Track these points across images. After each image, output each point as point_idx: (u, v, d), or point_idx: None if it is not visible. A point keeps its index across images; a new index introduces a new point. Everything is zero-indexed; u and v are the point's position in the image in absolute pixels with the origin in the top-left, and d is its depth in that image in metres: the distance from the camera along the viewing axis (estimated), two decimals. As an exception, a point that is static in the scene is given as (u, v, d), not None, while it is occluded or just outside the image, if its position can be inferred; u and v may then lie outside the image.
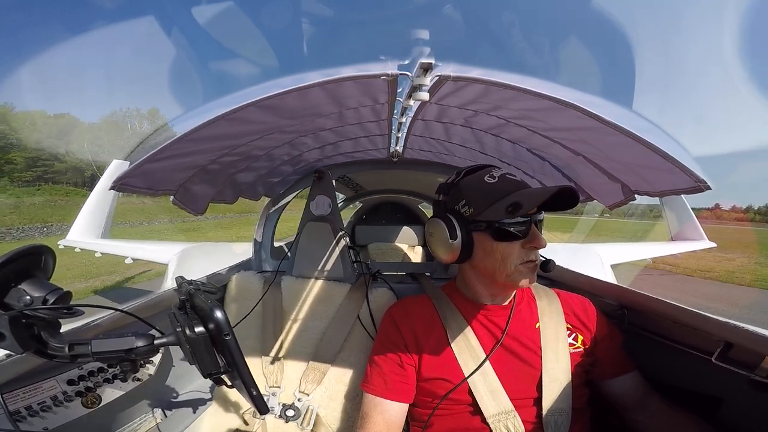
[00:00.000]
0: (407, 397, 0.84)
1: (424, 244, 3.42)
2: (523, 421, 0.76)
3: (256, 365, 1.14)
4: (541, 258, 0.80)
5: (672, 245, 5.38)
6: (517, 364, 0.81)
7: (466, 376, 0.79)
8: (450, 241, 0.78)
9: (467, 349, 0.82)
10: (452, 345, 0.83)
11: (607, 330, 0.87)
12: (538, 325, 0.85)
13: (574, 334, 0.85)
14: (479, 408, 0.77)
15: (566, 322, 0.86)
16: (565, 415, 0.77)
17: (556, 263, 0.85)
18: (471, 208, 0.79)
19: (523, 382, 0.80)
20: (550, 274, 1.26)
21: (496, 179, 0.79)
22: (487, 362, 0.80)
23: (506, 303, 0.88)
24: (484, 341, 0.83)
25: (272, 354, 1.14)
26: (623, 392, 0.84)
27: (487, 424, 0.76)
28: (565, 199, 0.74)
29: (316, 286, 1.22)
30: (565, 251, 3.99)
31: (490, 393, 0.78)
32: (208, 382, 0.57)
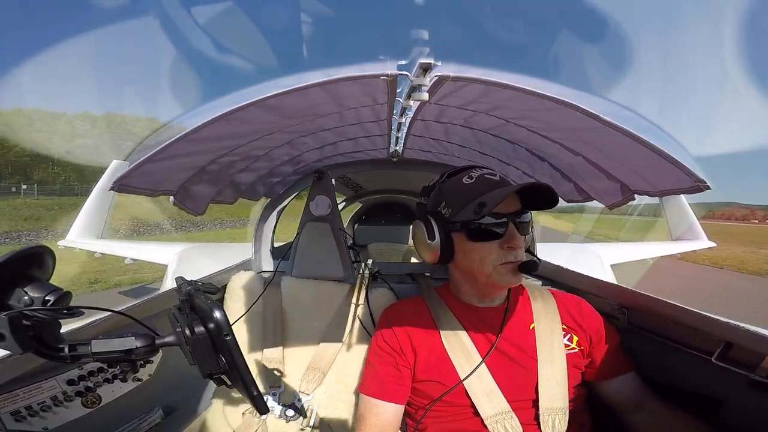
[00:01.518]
0: (402, 399, 0.84)
1: None
2: (520, 422, 0.76)
3: (256, 365, 1.14)
4: (522, 258, 0.78)
5: (672, 245, 5.38)
6: (513, 365, 0.81)
7: (461, 377, 0.79)
8: (428, 241, 0.80)
9: (461, 350, 0.82)
10: (446, 347, 0.83)
11: (604, 330, 0.87)
12: (532, 326, 0.85)
13: (569, 335, 0.85)
14: (476, 409, 0.77)
15: (562, 323, 0.85)
16: (562, 415, 0.77)
17: (557, 263, 0.85)
18: (449, 209, 0.81)
19: (519, 384, 0.80)
20: (549, 274, 1.26)
21: (474, 180, 0.80)
22: (483, 364, 0.80)
23: (499, 304, 0.88)
24: (478, 343, 0.83)
25: (272, 354, 1.14)
26: (620, 393, 0.84)
27: (485, 425, 0.76)
28: (544, 198, 0.75)
29: (316, 287, 1.22)
30: (565, 251, 3.99)
31: (486, 394, 0.78)
32: (208, 382, 0.57)
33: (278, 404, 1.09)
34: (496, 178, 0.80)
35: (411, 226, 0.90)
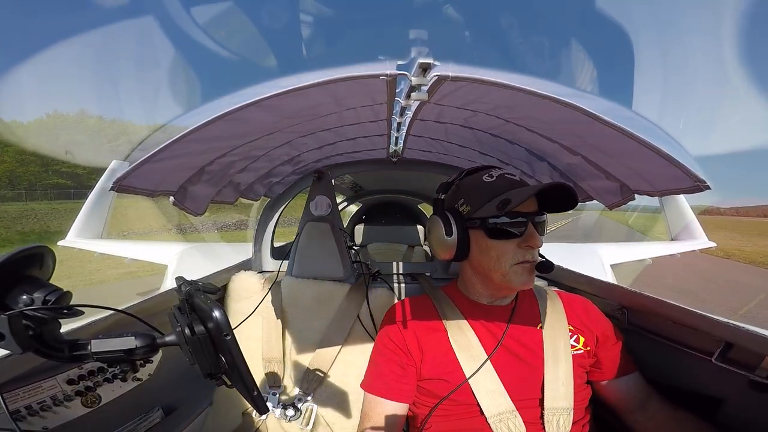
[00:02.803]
0: (407, 398, 0.84)
1: (424, 244, 3.42)
2: (524, 422, 0.76)
3: (256, 365, 1.14)
4: (538, 258, 0.80)
5: (672, 245, 5.38)
6: (519, 364, 0.81)
7: (467, 376, 0.79)
8: (446, 237, 0.80)
9: (468, 349, 0.82)
10: (453, 345, 0.83)
11: (609, 331, 0.87)
12: (540, 326, 0.85)
13: (575, 336, 0.85)
14: (480, 408, 0.77)
15: (568, 324, 0.86)
16: (566, 415, 0.77)
17: (557, 263, 0.85)
18: (468, 206, 0.81)
19: (524, 383, 0.80)
20: (549, 275, 1.26)
21: (494, 178, 0.80)
22: (489, 363, 0.80)
23: (507, 304, 0.88)
24: (485, 342, 0.83)
25: (273, 354, 1.14)
26: (624, 393, 0.84)
27: (488, 424, 0.76)
28: (563, 199, 0.75)
29: (316, 286, 1.22)
30: (565, 251, 3.98)
31: (490, 393, 0.78)
32: (208, 382, 0.57)
33: (278, 404, 1.09)
34: (516, 178, 0.81)
35: (427, 222, 0.89)
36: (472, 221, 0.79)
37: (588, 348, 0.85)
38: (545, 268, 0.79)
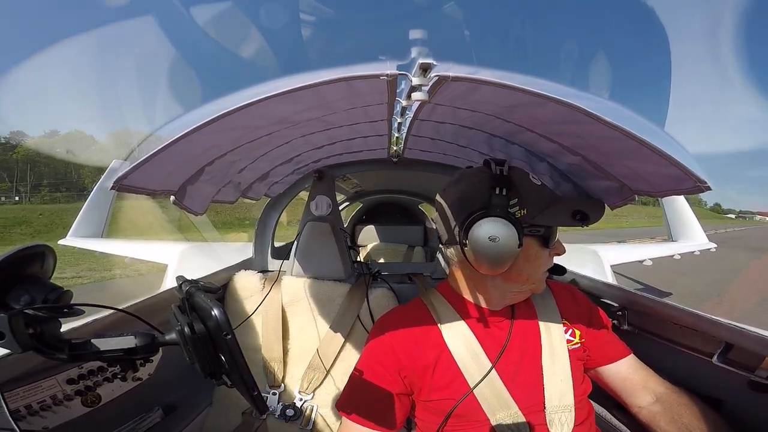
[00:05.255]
0: (399, 424, 0.80)
1: (424, 244, 3.42)
2: (528, 422, 0.76)
3: (256, 365, 1.14)
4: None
5: (672, 245, 5.39)
6: (520, 366, 0.80)
7: (471, 386, 0.77)
8: (516, 249, 0.68)
9: (472, 359, 0.79)
10: (456, 358, 0.78)
11: (596, 315, 0.88)
12: (536, 324, 0.85)
13: (570, 330, 0.85)
14: (486, 415, 0.76)
15: (562, 318, 0.85)
16: (568, 412, 0.77)
17: (556, 263, 0.86)
18: (524, 210, 0.72)
19: (526, 384, 0.79)
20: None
21: (539, 182, 0.78)
22: (493, 370, 0.78)
23: (506, 305, 0.87)
24: (487, 347, 0.80)
25: (273, 354, 1.14)
26: (623, 377, 0.84)
27: (494, 429, 0.75)
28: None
29: (316, 286, 1.23)
30: (565, 251, 3.99)
31: (496, 399, 0.76)
32: (208, 381, 0.57)
33: (278, 404, 1.09)
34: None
35: (483, 225, 0.69)
36: (535, 228, 0.72)
37: (583, 340, 0.84)
38: (559, 270, 0.82)
